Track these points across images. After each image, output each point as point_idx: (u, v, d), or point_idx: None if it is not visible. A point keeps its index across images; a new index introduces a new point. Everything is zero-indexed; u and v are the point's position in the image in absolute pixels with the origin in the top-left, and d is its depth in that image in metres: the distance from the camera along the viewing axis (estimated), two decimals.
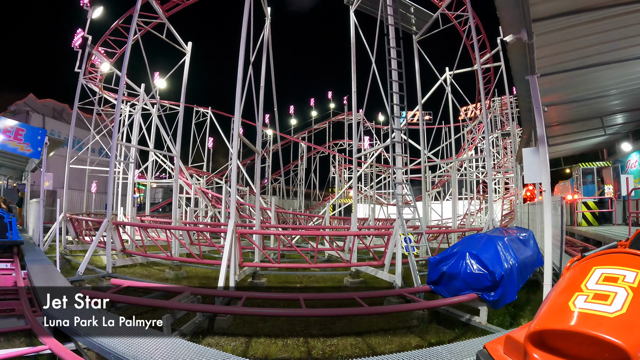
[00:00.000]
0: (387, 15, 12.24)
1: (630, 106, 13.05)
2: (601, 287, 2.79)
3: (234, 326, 7.36)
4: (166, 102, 28.71)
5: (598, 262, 3.09)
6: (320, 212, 28.37)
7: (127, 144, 20.09)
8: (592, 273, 2.95)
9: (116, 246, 12.01)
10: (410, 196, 11.80)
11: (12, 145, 11.81)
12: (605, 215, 15.30)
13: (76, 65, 18.83)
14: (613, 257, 3.10)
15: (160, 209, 34.23)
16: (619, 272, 2.85)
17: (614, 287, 2.75)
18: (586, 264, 3.13)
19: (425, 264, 10.41)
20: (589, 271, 2.99)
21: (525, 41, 6.27)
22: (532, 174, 7.22)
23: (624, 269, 2.87)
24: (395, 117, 11.58)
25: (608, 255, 3.16)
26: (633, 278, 2.76)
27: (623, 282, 2.75)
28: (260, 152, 13.37)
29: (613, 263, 2.99)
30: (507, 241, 8.14)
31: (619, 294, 2.66)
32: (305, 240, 15.41)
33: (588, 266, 3.07)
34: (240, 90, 10.48)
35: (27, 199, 17.52)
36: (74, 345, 5.30)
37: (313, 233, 14.85)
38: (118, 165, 21.47)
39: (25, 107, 33.28)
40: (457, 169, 21.82)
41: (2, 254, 10.51)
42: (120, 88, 12.93)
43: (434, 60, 17.38)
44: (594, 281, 2.87)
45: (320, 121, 44.19)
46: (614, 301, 2.63)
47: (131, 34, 12.87)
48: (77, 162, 19.56)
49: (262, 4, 14.29)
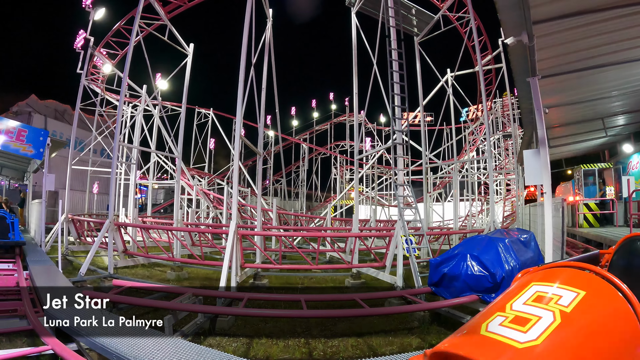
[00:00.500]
0: (389, 17, 12.26)
1: (632, 107, 13.05)
2: (527, 308, 2.43)
3: (235, 327, 7.37)
4: (168, 103, 28.75)
5: (539, 277, 2.75)
6: (321, 214, 28.39)
7: (129, 145, 20.11)
8: (527, 290, 2.61)
9: (118, 247, 12.04)
10: (411, 197, 11.81)
11: (15, 146, 11.84)
12: (606, 217, 15.31)
13: (78, 66, 18.87)
14: (558, 271, 2.78)
15: (162, 210, 34.25)
16: (557, 291, 2.51)
17: (541, 309, 2.38)
18: (528, 278, 2.80)
19: (427, 265, 10.40)
20: (525, 287, 2.66)
21: (526, 43, 6.30)
22: (533, 176, 7.24)
23: (564, 287, 2.52)
24: (397, 119, 11.60)
25: (555, 269, 2.84)
26: (569, 300, 2.40)
27: (555, 305, 2.39)
28: (262, 153, 13.39)
29: (555, 279, 2.65)
30: (508, 243, 8.14)
31: (542, 319, 2.29)
32: (306, 241, 15.42)
33: (528, 281, 2.74)
34: (242, 91, 10.50)
35: (29, 199, 17.58)
36: (75, 345, 5.32)
37: (314, 234, 14.87)
38: (120, 166, 21.49)
39: (27, 108, 33.34)
40: (458, 170, 21.80)
41: (4, 255, 10.56)
42: (122, 89, 12.97)
43: (435, 61, 17.42)
44: (524, 300, 2.52)
45: (321, 122, 44.26)
46: (532, 328, 2.24)
47: (133, 36, 12.91)
48: (79, 163, 19.59)
49: (264, 6, 14.33)
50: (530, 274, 2.88)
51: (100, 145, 21.89)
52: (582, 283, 2.53)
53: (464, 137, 30.44)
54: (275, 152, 34.47)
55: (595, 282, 2.55)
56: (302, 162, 40.80)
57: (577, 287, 2.47)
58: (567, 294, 2.44)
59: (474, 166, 29.77)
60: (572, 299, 2.40)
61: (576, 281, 2.56)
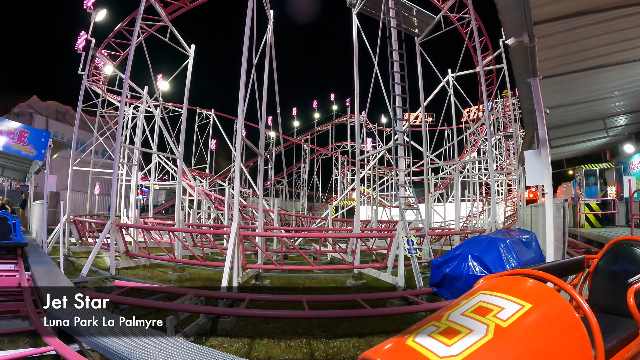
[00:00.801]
0: (389, 18, 12.27)
1: (633, 108, 13.04)
2: (462, 319, 2.31)
3: (237, 328, 7.37)
4: (169, 104, 28.78)
5: (489, 286, 2.63)
6: (323, 214, 28.39)
7: (131, 146, 20.14)
8: (471, 299, 2.50)
9: (119, 248, 12.05)
10: (412, 198, 11.82)
11: (16, 147, 11.87)
12: (608, 217, 15.30)
13: (79, 67, 18.91)
14: (511, 281, 2.64)
15: (163, 211, 34.28)
16: (502, 302, 2.37)
17: (476, 322, 2.26)
18: (479, 287, 2.69)
19: (428, 266, 10.41)
20: (471, 296, 2.55)
21: (526, 44, 6.30)
22: (534, 176, 7.24)
23: (509, 299, 2.38)
24: (398, 119, 11.60)
25: (510, 277, 2.70)
26: (510, 314, 2.26)
27: (492, 318, 2.25)
28: (263, 154, 13.41)
29: (504, 289, 2.50)
30: (509, 243, 8.14)
31: (473, 333, 2.17)
32: (308, 242, 15.43)
33: (478, 289, 2.63)
34: (244, 92, 10.52)
35: (30, 200, 17.60)
36: (78, 346, 5.32)
37: (316, 235, 14.86)
38: (121, 167, 21.51)
39: (28, 109, 33.37)
40: (459, 171, 21.81)
41: (6, 256, 10.58)
42: (124, 90, 13.00)
43: (436, 62, 17.41)
44: (463, 310, 2.40)
45: (322, 123, 44.28)
46: (458, 342, 2.12)
47: (134, 37, 12.93)
48: (81, 164, 19.62)
49: (265, 7, 14.35)
50: (489, 280, 2.77)
51: (102, 146, 21.91)
52: (531, 295, 2.41)
53: (465, 137, 30.44)
54: (276, 153, 34.44)
55: (548, 295, 2.41)
56: (304, 162, 40.81)
57: (524, 300, 2.35)
58: (510, 306, 2.32)
59: (475, 167, 29.75)
60: (513, 312, 2.27)
61: (526, 293, 2.44)
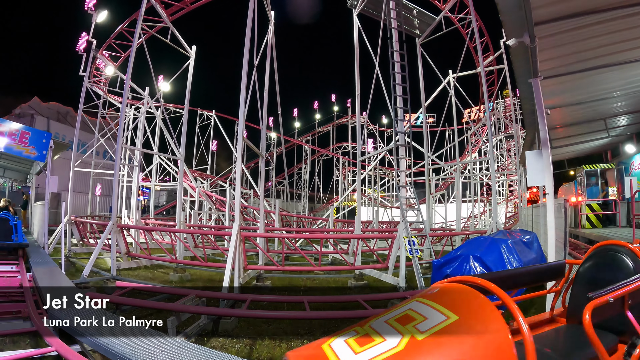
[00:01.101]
0: (390, 19, 12.28)
1: (634, 108, 13.02)
2: (383, 327, 2.22)
3: (238, 328, 7.38)
4: (170, 105, 28.80)
5: (424, 293, 2.50)
6: (324, 215, 28.39)
7: (132, 147, 20.15)
8: (403, 306, 2.39)
9: (121, 249, 12.06)
10: (414, 199, 11.82)
11: (17, 148, 11.89)
12: (609, 218, 15.29)
13: (81, 68, 18.94)
14: (450, 288, 2.48)
15: (165, 212, 34.30)
16: (428, 311, 2.25)
17: (394, 331, 2.16)
18: (418, 294, 2.52)
19: (429, 266, 10.41)
20: (407, 302, 2.43)
21: (527, 44, 6.30)
22: (535, 177, 7.23)
23: (438, 308, 2.25)
24: (399, 120, 11.61)
25: (453, 284, 2.53)
26: (430, 326, 2.13)
27: (411, 328, 2.14)
28: (264, 155, 13.42)
29: (438, 298, 2.38)
30: (510, 244, 8.14)
31: (384, 343, 2.08)
32: (309, 243, 15.44)
33: (416, 296, 2.48)
34: (245, 93, 10.54)
35: (31, 201, 17.61)
36: (79, 347, 5.33)
37: (317, 236, 14.86)
38: (122, 168, 21.53)
39: (29, 110, 33.47)
40: (460, 171, 21.82)
41: (7, 257, 10.59)
42: (125, 91, 13.01)
43: (437, 63, 17.40)
44: (388, 317, 2.31)
45: (324, 124, 44.30)
46: (367, 351, 2.05)
47: (135, 38, 12.95)
48: (82, 165, 19.63)
49: (266, 8, 14.36)
50: (435, 285, 2.63)
51: (103, 147, 21.96)
52: (464, 307, 2.24)
53: (466, 138, 30.45)
54: (277, 154, 34.44)
55: (482, 308, 2.19)
56: (305, 163, 40.80)
57: (454, 311, 2.19)
58: (435, 317, 2.19)
59: (477, 167, 29.77)
60: (434, 324, 2.13)
61: (460, 303, 2.27)
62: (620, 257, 3.40)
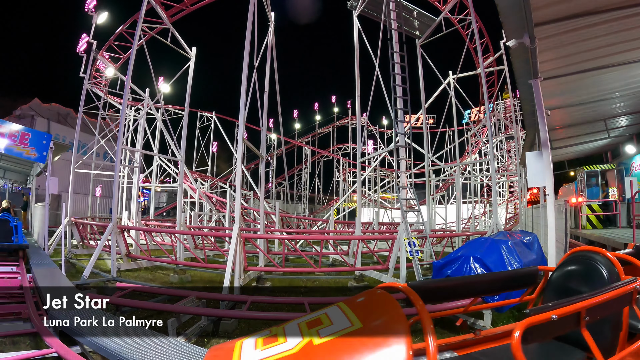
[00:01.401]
0: (391, 20, 12.29)
1: (634, 108, 13.03)
2: (292, 329, 2.31)
3: (239, 330, 7.37)
4: (170, 106, 28.78)
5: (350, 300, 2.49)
6: (324, 216, 28.39)
7: (132, 149, 20.15)
8: (325, 310, 2.43)
9: (121, 250, 12.06)
10: (414, 200, 11.81)
11: (18, 149, 11.89)
12: (609, 218, 15.27)
13: (81, 70, 18.94)
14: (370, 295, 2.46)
15: (165, 213, 34.29)
16: (338, 317, 2.28)
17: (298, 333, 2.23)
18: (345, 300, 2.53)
19: (430, 267, 10.40)
20: (328, 307, 2.46)
21: (527, 45, 6.30)
22: (535, 177, 7.24)
23: (348, 314, 2.27)
24: (399, 121, 11.61)
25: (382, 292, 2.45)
26: (332, 331, 2.16)
27: (314, 332, 2.19)
28: (265, 156, 13.42)
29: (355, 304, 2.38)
30: (511, 245, 8.13)
31: (286, 343, 2.17)
32: (309, 244, 15.42)
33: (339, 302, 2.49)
34: (245, 94, 10.55)
35: (32, 202, 17.62)
36: (79, 348, 5.33)
37: (317, 237, 14.86)
38: (123, 170, 21.53)
39: (30, 112, 33.47)
40: (461, 172, 21.82)
41: (7, 258, 10.60)
42: (125, 93, 13.02)
43: (437, 64, 17.40)
44: (304, 320, 2.39)
45: (324, 125, 44.23)
46: (267, 350, 2.15)
47: (136, 39, 12.96)
48: (82, 166, 19.64)
49: (266, 9, 14.38)
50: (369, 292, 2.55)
51: (103, 148, 21.97)
52: (374, 316, 2.20)
53: (466, 139, 30.46)
54: (277, 155, 34.44)
55: (394, 321, 2.12)
56: (305, 165, 40.80)
57: (361, 319, 2.19)
58: (341, 323, 2.20)
59: (477, 168, 29.76)
60: (336, 331, 2.15)
61: (371, 312, 2.25)
62: (595, 265, 3.09)
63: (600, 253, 3.13)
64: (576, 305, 2.36)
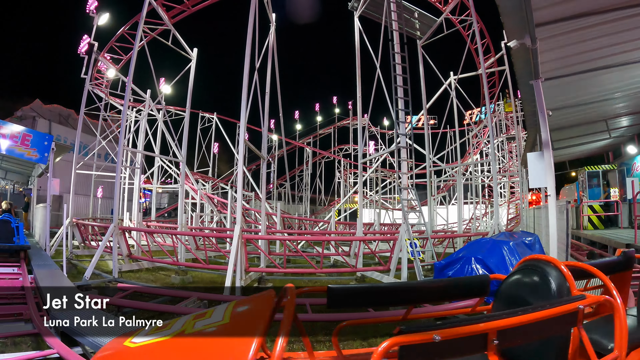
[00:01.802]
0: (392, 21, 12.28)
1: (635, 109, 13.01)
2: (180, 321, 2.37)
3: None
4: (172, 107, 28.78)
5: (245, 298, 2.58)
6: (325, 217, 28.38)
7: (133, 150, 20.18)
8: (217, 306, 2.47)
9: (122, 251, 12.07)
10: (415, 201, 11.81)
11: (19, 150, 11.90)
12: (611, 219, 15.27)
13: (82, 71, 18.94)
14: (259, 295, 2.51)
15: (166, 214, 34.31)
16: (219, 313, 2.35)
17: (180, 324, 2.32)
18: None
19: (431, 268, 10.39)
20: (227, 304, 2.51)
21: (528, 46, 6.30)
22: (537, 178, 7.22)
23: (227, 310, 2.35)
24: (400, 122, 11.61)
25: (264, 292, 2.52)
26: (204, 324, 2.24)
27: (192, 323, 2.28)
28: (266, 157, 13.42)
29: (242, 302, 2.46)
30: (512, 245, 8.13)
31: (164, 332, 2.27)
32: (310, 245, 15.42)
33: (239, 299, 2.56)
34: (246, 95, 10.55)
35: (33, 204, 17.64)
36: (81, 349, 5.33)
37: (319, 238, 14.86)
38: (124, 171, 21.54)
39: (31, 113, 33.56)
40: (462, 173, 21.79)
41: (9, 259, 10.59)
42: (127, 94, 13.03)
43: (439, 64, 17.41)
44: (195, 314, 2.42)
45: (325, 126, 44.21)
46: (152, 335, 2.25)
47: (137, 41, 12.97)
48: (84, 167, 19.64)
49: (267, 10, 14.38)
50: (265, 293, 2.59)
51: (105, 149, 21.94)
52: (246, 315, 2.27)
53: (467, 140, 30.45)
54: (279, 156, 34.45)
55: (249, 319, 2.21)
56: (306, 166, 40.79)
57: (232, 316, 2.26)
58: (216, 318, 2.28)
59: (478, 169, 29.73)
60: (207, 324, 2.23)
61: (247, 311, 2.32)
62: (545, 276, 2.75)
63: (552, 263, 2.81)
64: (478, 326, 1.98)
